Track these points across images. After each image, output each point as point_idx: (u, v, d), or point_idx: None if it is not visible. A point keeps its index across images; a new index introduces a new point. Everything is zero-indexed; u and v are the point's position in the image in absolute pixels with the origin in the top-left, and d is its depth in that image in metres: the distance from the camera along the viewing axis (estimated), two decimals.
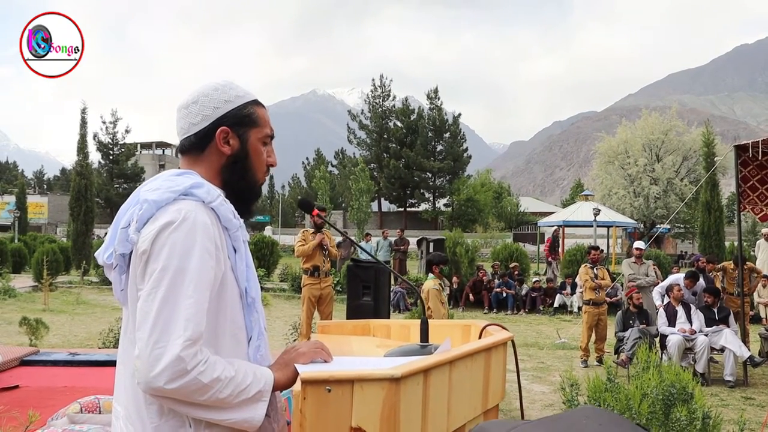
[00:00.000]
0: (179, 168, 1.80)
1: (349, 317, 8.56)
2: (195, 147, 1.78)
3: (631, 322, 9.80)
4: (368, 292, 8.96)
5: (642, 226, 38.69)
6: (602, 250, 11.10)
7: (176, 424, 1.60)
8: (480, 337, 2.00)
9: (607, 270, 11.04)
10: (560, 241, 25.56)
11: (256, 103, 1.84)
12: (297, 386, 1.45)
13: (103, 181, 55.99)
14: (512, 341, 1.93)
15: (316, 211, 2.02)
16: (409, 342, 2.13)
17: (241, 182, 1.81)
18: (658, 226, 37.55)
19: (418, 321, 2.24)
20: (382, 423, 1.41)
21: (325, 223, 9.16)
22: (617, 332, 10.02)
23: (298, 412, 1.41)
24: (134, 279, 1.63)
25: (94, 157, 55.29)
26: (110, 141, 59.68)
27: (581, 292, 16.20)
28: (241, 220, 1.78)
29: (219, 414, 1.56)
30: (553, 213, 44.34)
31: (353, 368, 1.53)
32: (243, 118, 1.79)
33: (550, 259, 21.77)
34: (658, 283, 11.22)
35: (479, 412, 1.78)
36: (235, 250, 1.73)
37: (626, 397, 3.12)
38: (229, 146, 1.78)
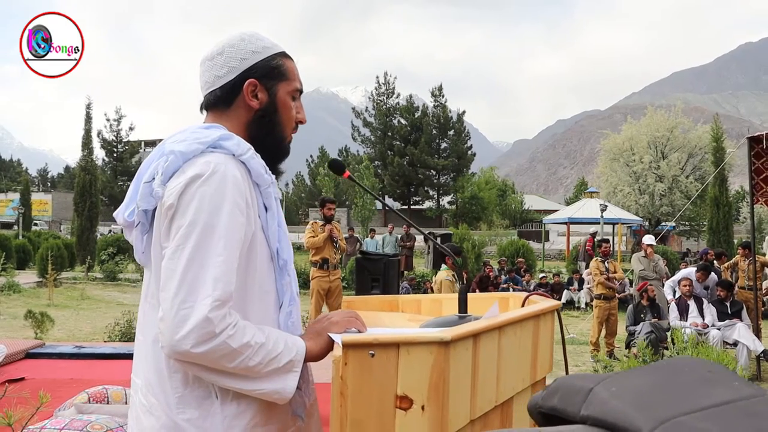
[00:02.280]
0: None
1: None
2: (220, 101, 1.66)
3: (642, 316, 9.70)
4: (377, 285, 8.90)
5: (647, 223, 38.56)
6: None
7: (202, 394, 1.49)
8: (523, 306, 1.90)
9: None
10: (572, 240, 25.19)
11: (284, 54, 1.72)
12: (337, 351, 1.34)
13: (107, 178, 55.96)
14: (557, 311, 1.83)
15: (347, 173, 1.90)
16: (441, 316, 2.03)
17: (268, 138, 1.69)
18: (664, 223, 37.39)
19: (451, 295, 2.13)
20: (431, 391, 1.30)
21: (334, 215, 9.09)
22: (628, 326, 9.92)
23: (338, 379, 1.29)
24: (158, 236, 1.52)
25: (98, 154, 55.31)
26: (114, 138, 59.67)
27: (590, 288, 16.13)
28: (273, 177, 1.66)
29: (247, 383, 1.45)
30: (557, 211, 44.26)
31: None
32: (272, 70, 1.67)
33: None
34: (665, 278, 11.15)
35: (528, 383, 1.68)
36: (266, 209, 1.61)
37: None
38: (257, 100, 1.66)
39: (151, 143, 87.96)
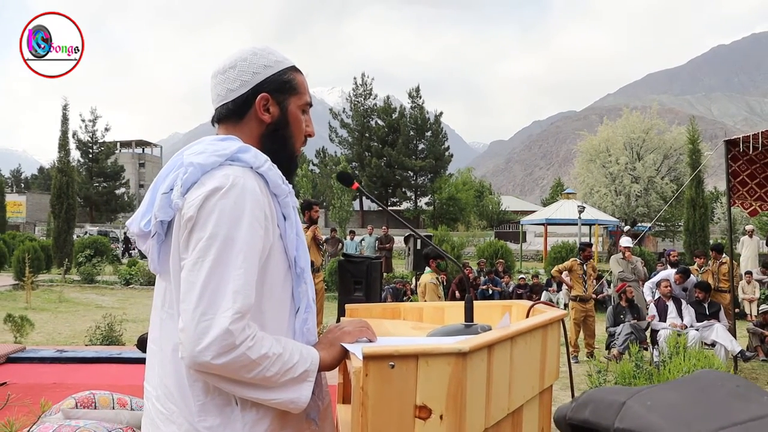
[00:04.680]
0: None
1: (340, 313, 8.48)
2: (233, 114, 1.69)
3: (622, 317, 9.79)
4: (359, 288, 8.93)
5: (624, 224, 38.92)
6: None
7: (222, 402, 1.52)
8: (527, 316, 1.93)
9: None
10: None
11: (295, 69, 1.75)
12: (357, 363, 1.37)
13: (83, 179, 55.39)
14: (562, 321, 1.87)
15: (356, 184, 1.93)
16: (443, 324, 2.06)
17: (281, 152, 1.72)
18: (640, 224, 37.75)
19: (452, 303, 2.17)
20: (449, 401, 1.33)
21: (318, 218, 9.11)
22: (608, 327, 10.02)
23: (359, 390, 1.32)
24: (177, 248, 1.54)
25: (73, 155, 54.68)
26: (89, 139, 59.09)
27: (567, 290, 16.24)
28: (290, 186, 1.68)
29: (264, 393, 1.48)
30: (534, 212, 44.53)
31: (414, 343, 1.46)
32: (283, 85, 1.70)
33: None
34: (644, 279, 11.27)
35: (536, 391, 1.72)
36: (284, 218, 1.64)
37: (658, 382, 3.05)
38: (269, 114, 1.69)
39: (127, 144, 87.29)
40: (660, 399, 0.82)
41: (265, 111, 1.68)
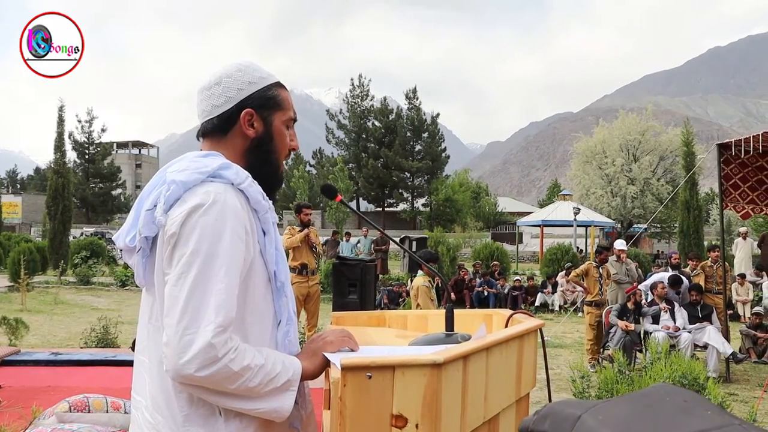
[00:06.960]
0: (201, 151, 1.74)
1: None
2: (218, 130, 1.73)
3: (626, 318, 9.73)
4: (354, 290, 8.96)
5: (619, 225, 39.02)
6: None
7: (206, 412, 1.56)
8: (506, 325, 1.98)
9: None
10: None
11: (279, 85, 1.79)
12: (336, 373, 1.41)
13: (79, 180, 55.31)
14: (540, 329, 1.91)
15: (339, 197, 1.97)
16: (427, 332, 2.10)
17: (264, 166, 1.76)
18: (636, 225, 37.88)
19: (436, 312, 2.21)
20: (424, 410, 1.38)
21: (311, 222, 9.14)
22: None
23: (337, 400, 1.37)
24: (161, 263, 1.58)
25: (69, 156, 54.61)
26: (86, 140, 59.08)
27: (563, 291, 16.28)
28: (270, 202, 1.73)
29: (247, 403, 1.52)
30: (530, 213, 44.62)
31: (391, 354, 1.50)
32: (268, 101, 1.75)
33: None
34: (637, 282, 11.29)
35: (513, 400, 1.76)
36: (264, 233, 1.68)
37: (639, 388, 3.10)
38: (254, 129, 1.73)
39: (124, 145, 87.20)
40: (612, 413, 0.86)
41: (249, 126, 1.72)
